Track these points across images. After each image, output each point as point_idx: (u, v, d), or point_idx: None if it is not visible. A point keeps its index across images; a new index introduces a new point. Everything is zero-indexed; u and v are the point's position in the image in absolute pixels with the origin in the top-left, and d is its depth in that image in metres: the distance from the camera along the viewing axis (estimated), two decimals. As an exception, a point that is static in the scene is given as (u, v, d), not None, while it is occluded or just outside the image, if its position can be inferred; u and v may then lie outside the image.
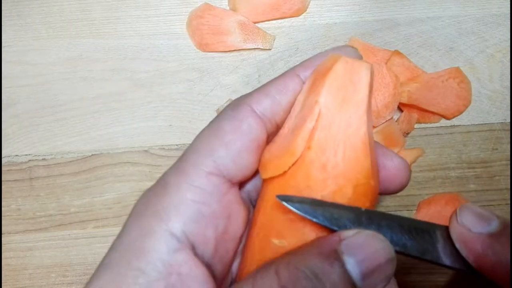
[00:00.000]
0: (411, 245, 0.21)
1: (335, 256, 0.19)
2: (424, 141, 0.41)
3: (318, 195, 0.21)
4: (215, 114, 0.42)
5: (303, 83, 0.24)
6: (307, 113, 0.22)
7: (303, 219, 0.21)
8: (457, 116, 0.41)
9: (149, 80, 0.42)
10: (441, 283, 0.41)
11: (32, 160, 0.41)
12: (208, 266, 0.21)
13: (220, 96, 0.42)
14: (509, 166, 0.41)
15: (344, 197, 0.21)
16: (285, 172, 0.21)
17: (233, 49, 0.42)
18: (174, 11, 0.42)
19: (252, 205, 0.25)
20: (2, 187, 0.41)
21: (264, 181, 0.23)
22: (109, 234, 0.41)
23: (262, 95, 0.23)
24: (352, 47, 0.24)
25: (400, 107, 0.41)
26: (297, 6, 0.42)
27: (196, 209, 0.21)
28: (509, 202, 0.41)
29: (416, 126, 0.41)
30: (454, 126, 0.42)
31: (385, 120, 0.40)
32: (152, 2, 0.42)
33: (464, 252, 0.21)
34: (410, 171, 0.25)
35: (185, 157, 0.22)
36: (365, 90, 0.22)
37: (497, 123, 0.41)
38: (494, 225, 0.21)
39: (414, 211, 0.41)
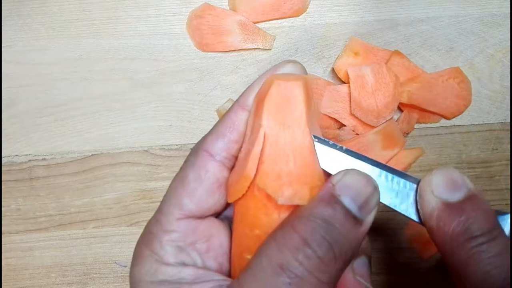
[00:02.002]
0: (388, 196, 0.25)
1: (334, 200, 0.23)
2: (424, 141, 0.41)
3: (277, 201, 0.24)
4: (215, 114, 0.42)
5: (249, 110, 0.26)
6: (254, 137, 0.24)
7: (267, 232, 0.24)
8: (457, 116, 0.41)
9: (149, 80, 0.42)
10: (439, 283, 0.41)
11: (32, 160, 0.41)
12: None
13: (220, 96, 0.42)
14: (509, 166, 0.41)
15: (302, 199, 0.24)
16: (246, 192, 0.24)
17: (233, 49, 0.42)
18: (174, 11, 0.42)
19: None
20: (2, 187, 0.41)
21: (234, 202, 0.26)
22: (109, 234, 0.41)
23: (215, 137, 0.27)
24: (294, 61, 0.27)
25: (400, 107, 0.41)
26: (297, 6, 0.42)
27: (176, 245, 0.26)
28: (509, 202, 0.41)
29: (416, 126, 0.41)
30: (454, 126, 0.42)
31: (385, 120, 0.40)
32: (152, 2, 0.42)
33: (419, 208, 0.25)
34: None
35: (161, 206, 0.27)
36: (300, 105, 0.24)
37: (497, 123, 0.41)
38: (456, 196, 0.24)
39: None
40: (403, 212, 0.25)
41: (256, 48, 0.42)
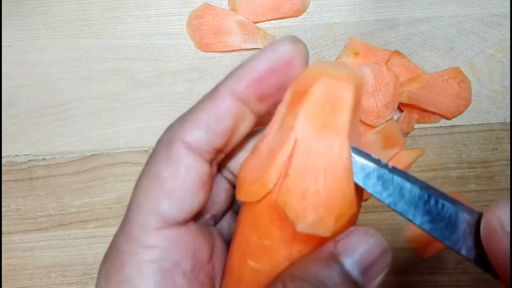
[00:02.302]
0: (435, 226, 0.21)
1: (333, 259, 0.19)
2: (424, 141, 0.41)
3: (296, 228, 0.20)
4: (215, 114, 0.42)
5: (240, 99, 0.21)
6: (284, 138, 0.20)
7: (278, 246, 0.20)
8: (457, 116, 0.41)
9: (149, 80, 0.42)
10: (441, 283, 0.41)
11: (32, 160, 0.41)
12: None
13: (220, 96, 0.42)
14: (509, 166, 0.41)
15: (326, 228, 0.20)
16: (260, 199, 0.20)
17: (233, 49, 0.42)
18: (174, 11, 0.42)
19: (214, 225, 0.25)
20: (2, 187, 0.41)
21: (242, 202, 0.22)
22: (109, 234, 0.41)
23: (193, 126, 0.21)
24: (296, 41, 0.21)
25: (400, 107, 0.41)
26: (297, 6, 0.42)
27: (159, 267, 0.21)
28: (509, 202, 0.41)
29: (416, 126, 0.41)
30: (454, 126, 0.42)
31: (385, 120, 0.40)
32: (152, 2, 0.42)
33: (486, 246, 0.20)
34: None
35: (130, 215, 0.22)
36: (346, 114, 0.20)
37: (497, 123, 0.41)
38: None
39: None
40: (453, 247, 0.21)
41: (256, 48, 0.42)
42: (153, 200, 0.21)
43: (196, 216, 0.23)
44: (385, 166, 0.20)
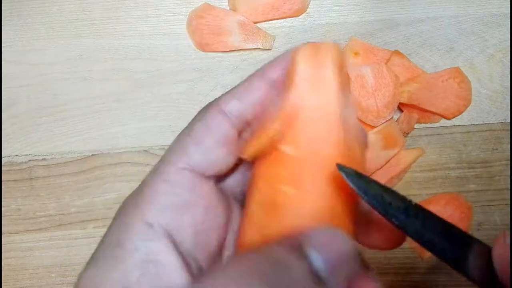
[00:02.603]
0: (447, 251, 0.22)
1: (301, 251, 0.20)
2: (424, 141, 0.41)
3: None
4: (215, 114, 0.42)
5: (271, 81, 0.25)
6: (283, 102, 0.23)
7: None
8: (457, 116, 0.41)
9: (149, 80, 0.42)
10: (441, 283, 0.41)
11: (32, 160, 0.41)
12: (189, 255, 0.23)
13: (220, 96, 0.42)
14: (509, 166, 0.41)
15: (324, 172, 0.22)
16: (265, 153, 0.23)
17: (233, 49, 0.42)
18: (174, 11, 0.42)
19: (235, 200, 0.26)
20: (2, 187, 0.41)
21: (252, 164, 0.24)
22: (109, 234, 0.41)
23: (229, 96, 0.25)
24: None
25: (400, 107, 0.41)
26: (297, 6, 0.42)
27: (169, 200, 0.23)
28: (509, 202, 0.41)
29: (416, 126, 0.41)
30: (454, 126, 0.42)
31: (385, 120, 0.40)
32: (152, 2, 0.42)
33: (500, 273, 0.22)
34: None
35: (162, 158, 0.24)
36: (330, 69, 0.23)
37: (497, 123, 0.41)
38: None
39: (414, 211, 0.41)
40: (462, 270, 0.22)
41: (256, 48, 0.42)
42: (184, 145, 0.24)
43: (219, 176, 0.25)
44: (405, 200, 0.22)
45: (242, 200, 0.26)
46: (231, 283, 0.19)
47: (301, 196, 0.23)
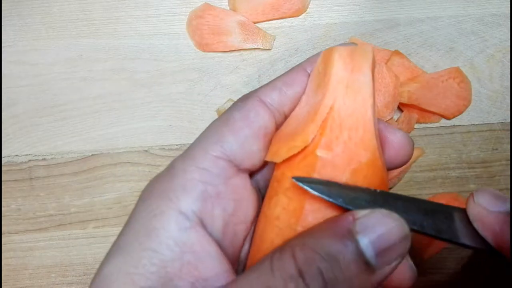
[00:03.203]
0: (427, 224, 0.22)
1: (349, 236, 0.19)
2: (424, 141, 0.41)
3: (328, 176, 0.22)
4: (215, 114, 0.42)
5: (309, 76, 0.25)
6: (318, 104, 0.23)
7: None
8: (457, 116, 0.41)
9: (149, 80, 0.42)
10: (441, 283, 0.41)
11: (32, 160, 0.41)
12: (219, 245, 0.22)
13: (220, 96, 0.42)
14: (509, 166, 0.41)
15: (357, 177, 0.22)
16: (296, 155, 0.22)
17: (233, 49, 0.42)
18: (174, 11, 0.42)
19: (261, 194, 0.25)
20: (2, 187, 0.41)
21: (276, 165, 0.24)
22: (109, 234, 0.41)
23: (270, 88, 0.24)
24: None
25: (400, 107, 0.41)
26: (297, 6, 0.42)
27: (203, 189, 0.22)
28: (509, 202, 0.41)
29: (416, 126, 0.41)
30: (454, 126, 0.42)
31: (385, 120, 0.40)
32: (152, 2, 0.42)
33: (482, 231, 0.22)
34: (413, 143, 0.25)
35: (193, 144, 0.23)
36: (367, 74, 0.23)
37: (497, 123, 0.41)
38: (509, 205, 0.22)
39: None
40: (450, 238, 0.22)
41: (256, 48, 0.42)
42: (220, 133, 0.23)
43: (253, 170, 0.24)
44: (373, 192, 0.22)
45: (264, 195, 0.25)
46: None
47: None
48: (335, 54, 0.23)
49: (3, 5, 0.42)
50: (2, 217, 0.41)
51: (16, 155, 0.42)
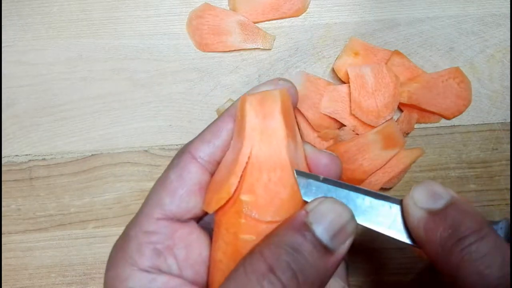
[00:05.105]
0: (369, 217, 0.25)
1: (306, 228, 0.23)
2: (424, 141, 0.41)
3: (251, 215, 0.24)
4: (215, 114, 0.42)
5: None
6: (238, 152, 0.25)
7: (244, 233, 0.24)
8: (457, 116, 0.41)
9: (149, 80, 0.42)
10: (440, 283, 0.41)
11: (32, 160, 0.41)
12: (184, 279, 0.26)
13: (220, 96, 0.42)
14: (509, 166, 0.41)
15: (280, 212, 0.24)
16: (226, 202, 0.25)
17: (233, 49, 0.42)
18: (174, 11, 0.42)
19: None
20: (2, 187, 0.41)
21: (214, 212, 0.26)
22: (109, 234, 0.41)
23: (200, 141, 0.27)
24: (284, 80, 0.28)
25: (400, 107, 0.41)
26: (297, 6, 0.42)
27: (153, 247, 0.25)
28: (509, 202, 0.41)
29: (416, 126, 0.41)
30: (454, 126, 0.42)
31: (385, 120, 0.40)
32: (152, 2, 0.42)
33: (406, 221, 0.25)
34: (339, 162, 0.28)
35: (140, 209, 0.26)
36: (278, 118, 0.25)
37: (497, 123, 0.41)
38: (438, 204, 0.24)
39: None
40: (393, 236, 0.25)
41: (256, 48, 0.42)
42: (158, 196, 0.26)
43: (197, 218, 0.27)
44: (318, 178, 0.25)
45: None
46: None
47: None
48: (246, 104, 0.25)
49: (3, 5, 0.42)
50: (2, 217, 0.41)
51: (16, 155, 0.42)
